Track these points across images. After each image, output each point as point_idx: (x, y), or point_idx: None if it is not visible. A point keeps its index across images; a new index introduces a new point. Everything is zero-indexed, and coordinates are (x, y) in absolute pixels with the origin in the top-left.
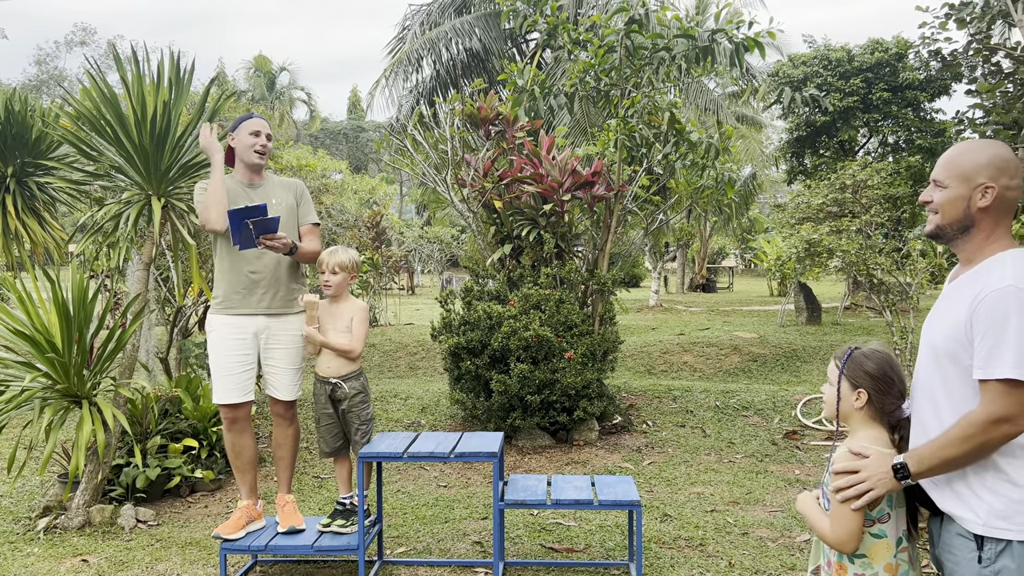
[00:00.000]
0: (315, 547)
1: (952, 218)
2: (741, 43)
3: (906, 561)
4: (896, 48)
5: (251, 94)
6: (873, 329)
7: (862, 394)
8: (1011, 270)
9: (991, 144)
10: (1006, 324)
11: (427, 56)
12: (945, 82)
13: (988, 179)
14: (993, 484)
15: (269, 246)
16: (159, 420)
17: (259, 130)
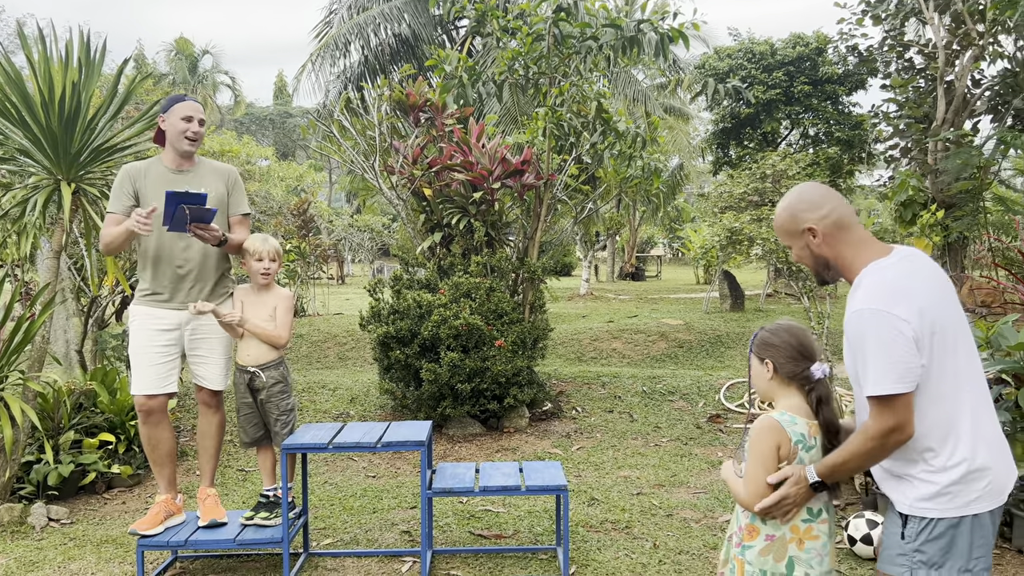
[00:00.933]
0: (238, 541)
1: (811, 265)
2: (666, 34)
3: (825, 533)
4: (816, 43)
5: (172, 77)
6: (793, 315)
7: (768, 364)
8: (862, 293)
9: (790, 194)
10: (864, 346)
11: (355, 41)
12: (862, 77)
13: (804, 223)
14: (921, 475)
15: (199, 235)
16: (73, 414)
17: (191, 115)
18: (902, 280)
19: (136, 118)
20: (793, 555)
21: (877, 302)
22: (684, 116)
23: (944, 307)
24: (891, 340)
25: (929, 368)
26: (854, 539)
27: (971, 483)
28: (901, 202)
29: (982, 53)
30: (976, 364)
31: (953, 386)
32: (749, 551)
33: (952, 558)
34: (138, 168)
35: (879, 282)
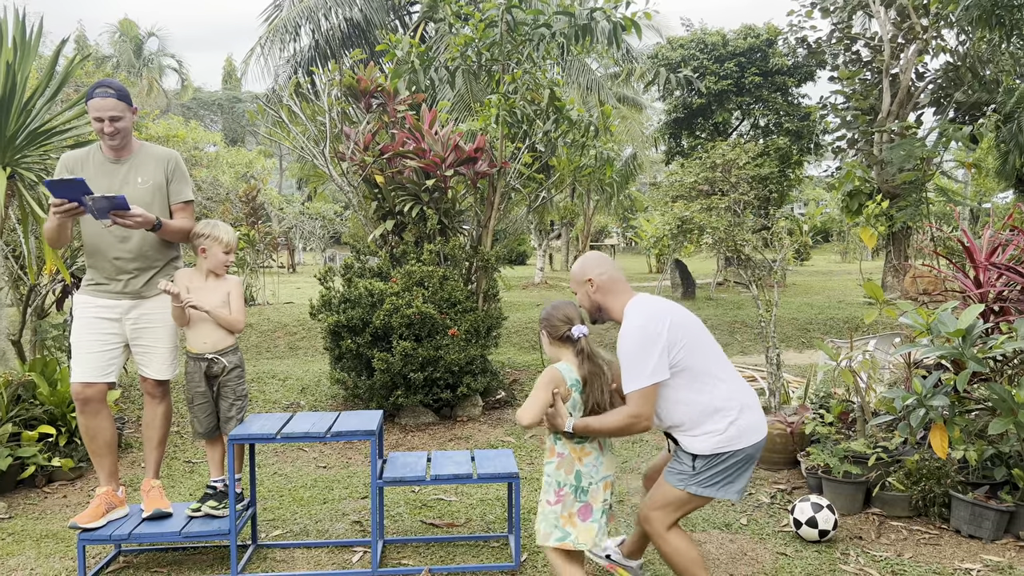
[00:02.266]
0: (183, 533)
1: (589, 308)
2: (619, 23)
3: (595, 449)
4: (767, 35)
5: (116, 60)
6: (743, 304)
7: (544, 333)
8: (626, 322)
9: (582, 258)
10: (628, 357)
11: (305, 25)
12: (811, 68)
13: (591, 273)
14: (701, 434)
15: (120, 223)
16: (11, 406)
17: (100, 115)
18: (653, 305)
19: (74, 101)
20: (579, 469)
21: (638, 320)
22: (637, 106)
23: (684, 316)
24: (640, 347)
25: (690, 366)
26: (799, 522)
27: (738, 432)
28: (848, 192)
29: (926, 47)
30: (722, 354)
31: (716, 367)
32: (549, 466)
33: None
34: (76, 156)
35: (638, 310)
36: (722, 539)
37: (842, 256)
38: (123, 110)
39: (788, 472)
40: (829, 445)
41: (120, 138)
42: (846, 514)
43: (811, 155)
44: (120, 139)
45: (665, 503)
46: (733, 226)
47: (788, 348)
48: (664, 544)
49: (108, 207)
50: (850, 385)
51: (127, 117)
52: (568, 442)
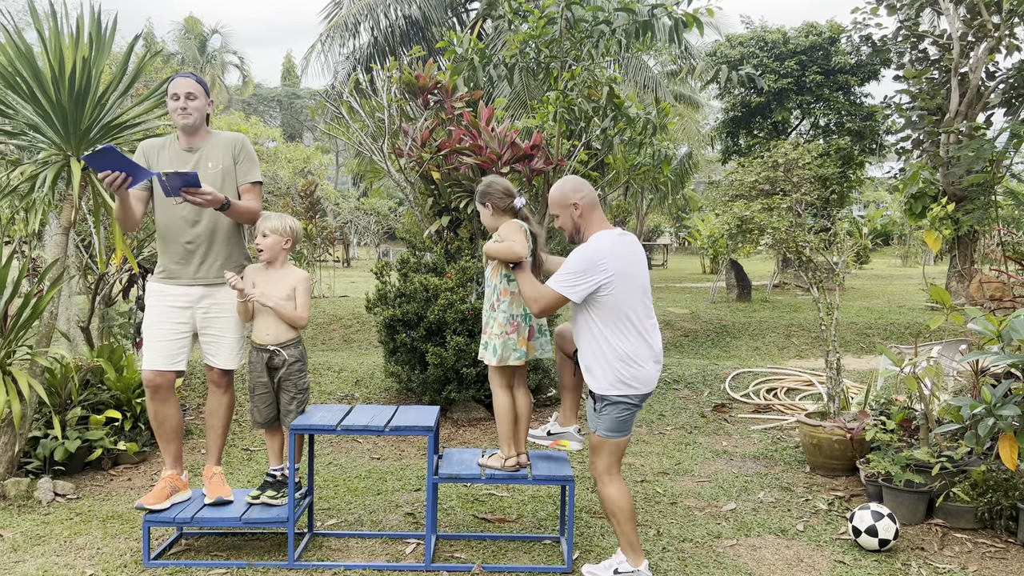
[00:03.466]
0: (243, 519)
1: (570, 230)
2: (680, 19)
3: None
4: (829, 32)
5: (181, 56)
6: (800, 306)
7: (489, 206)
8: (586, 243)
9: (562, 181)
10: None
11: (365, 22)
12: (875, 67)
13: (573, 198)
14: (602, 375)
15: (190, 200)
16: (80, 391)
17: (176, 91)
18: (613, 244)
19: (145, 95)
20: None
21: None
22: (694, 104)
23: (635, 267)
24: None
25: (615, 307)
26: (859, 530)
27: (639, 378)
28: (912, 194)
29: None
30: (651, 312)
31: (636, 319)
32: (503, 304)
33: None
34: (153, 145)
35: (600, 240)
36: (778, 544)
37: (903, 260)
38: (199, 91)
39: (846, 479)
40: (891, 453)
41: (193, 117)
42: (907, 524)
43: (873, 156)
44: (193, 117)
45: (593, 449)
46: (794, 227)
47: (847, 353)
48: (603, 487)
49: (180, 183)
50: (913, 392)
51: (201, 100)
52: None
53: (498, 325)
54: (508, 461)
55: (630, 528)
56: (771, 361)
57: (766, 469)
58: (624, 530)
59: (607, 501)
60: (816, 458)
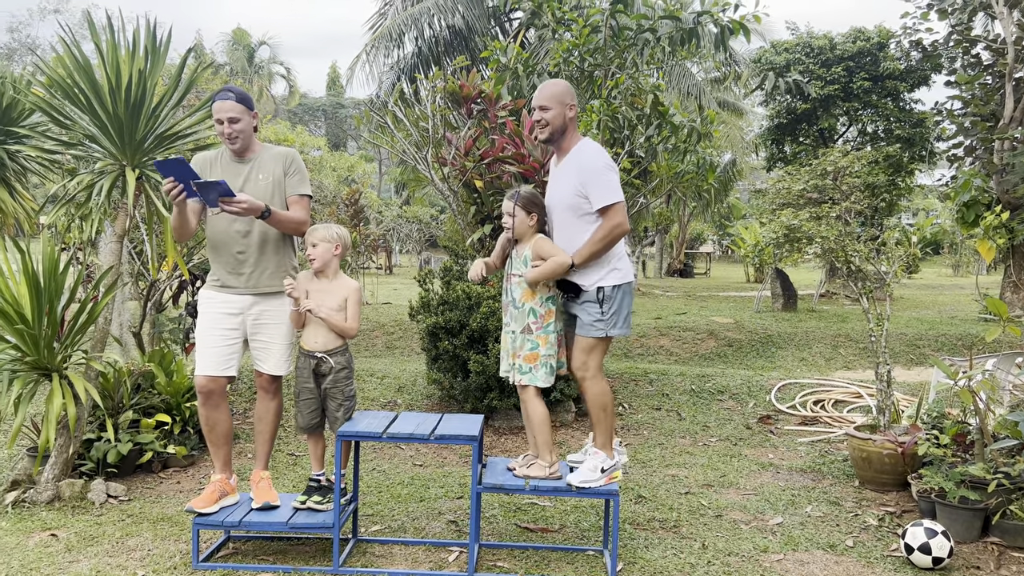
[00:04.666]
0: (290, 524)
1: (557, 127)
2: (726, 26)
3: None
4: (878, 38)
5: (230, 67)
6: (848, 316)
7: (533, 215)
8: (587, 145)
9: (559, 80)
10: (599, 172)
11: (409, 32)
12: (925, 73)
13: (570, 100)
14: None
15: (227, 209)
16: (132, 395)
17: (220, 117)
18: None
19: (197, 107)
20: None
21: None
22: (738, 111)
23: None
24: (614, 172)
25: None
26: (911, 547)
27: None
28: (964, 202)
29: None
30: None
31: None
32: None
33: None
34: (206, 157)
35: (594, 144)
36: (827, 560)
37: (954, 269)
38: (241, 112)
39: (897, 494)
40: (944, 468)
41: (239, 140)
42: (962, 542)
43: (924, 163)
44: (240, 142)
45: (590, 350)
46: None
47: (896, 364)
48: (596, 384)
49: (215, 193)
50: (967, 406)
51: (245, 119)
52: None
53: (548, 346)
54: (552, 468)
55: (611, 423)
56: (818, 372)
57: (813, 483)
58: (607, 425)
59: (600, 396)
60: (865, 472)
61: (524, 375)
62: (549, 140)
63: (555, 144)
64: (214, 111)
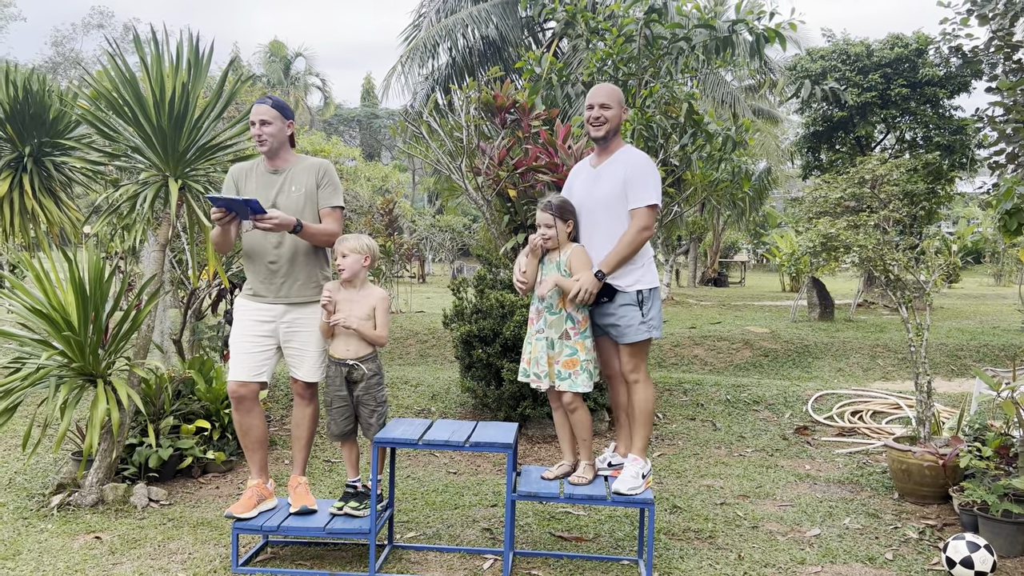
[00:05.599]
0: (327, 529)
1: (614, 126)
2: (762, 34)
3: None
4: (916, 44)
5: (267, 79)
6: (886, 326)
7: (570, 223)
8: (634, 153)
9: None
10: (646, 175)
11: (443, 43)
12: (965, 79)
13: (624, 104)
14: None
15: (260, 226)
16: (172, 401)
17: (253, 119)
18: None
19: (238, 118)
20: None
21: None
22: (773, 119)
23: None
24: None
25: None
26: (953, 561)
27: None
28: (1006, 210)
29: None
30: None
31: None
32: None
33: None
34: (242, 168)
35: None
36: (865, 573)
37: (996, 279)
38: (274, 117)
39: (938, 507)
40: (987, 481)
41: (268, 143)
42: (1005, 556)
43: (964, 171)
44: (269, 145)
45: (637, 356)
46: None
47: (936, 375)
48: (647, 389)
49: (247, 210)
50: (1011, 418)
51: (277, 124)
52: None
53: (586, 351)
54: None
55: (650, 430)
56: (855, 383)
57: (852, 494)
58: (647, 432)
59: (647, 402)
60: (905, 484)
61: (563, 381)
62: (603, 138)
63: (604, 143)
64: (250, 115)
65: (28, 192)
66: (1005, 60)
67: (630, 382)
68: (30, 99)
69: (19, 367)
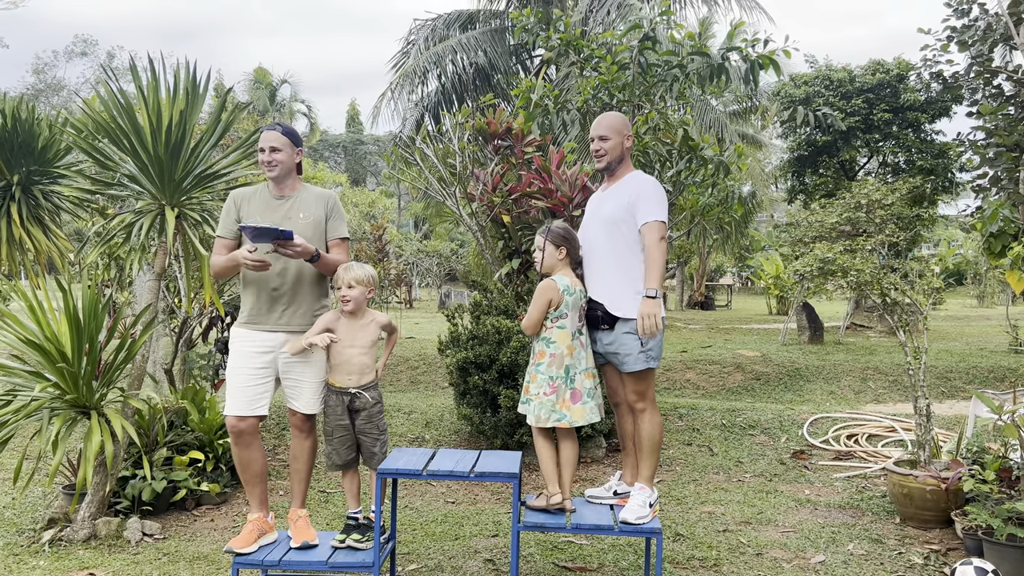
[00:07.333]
0: (330, 563)
1: (615, 156)
2: (756, 61)
3: (580, 346)
4: (897, 70)
5: (252, 106)
6: (875, 349)
7: (563, 249)
8: (643, 176)
9: (617, 112)
10: (651, 196)
11: (432, 70)
12: (946, 104)
13: (627, 131)
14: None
15: (282, 252)
16: (165, 432)
17: (263, 145)
18: None
19: (234, 147)
20: (567, 363)
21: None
22: (757, 143)
23: None
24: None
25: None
26: None
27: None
28: (991, 233)
29: None
30: None
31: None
32: (540, 366)
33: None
34: (244, 193)
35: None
36: None
37: (979, 300)
38: (284, 144)
39: (940, 531)
40: (990, 505)
41: (277, 169)
42: None
43: (947, 194)
44: (277, 170)
45: (641, 384)
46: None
47: (935, 399)
48: (653, 417)
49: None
50: (1008, 440)
51: (287, 152)
52: (561, 342)
53: (535, 385)
54: (552, 499)
55: (657, 458)
56: (847, 406)
57: (853, 519)
58: (656, 460)
59: (653, 431)
60: (907, 509)
61: (523, 405)
62: (606, 168)
63: (610, 172)
64: (260, 141)
65: (16, 221)
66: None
67: (635, 411)
68: (19, 127)
69: (11, 399)
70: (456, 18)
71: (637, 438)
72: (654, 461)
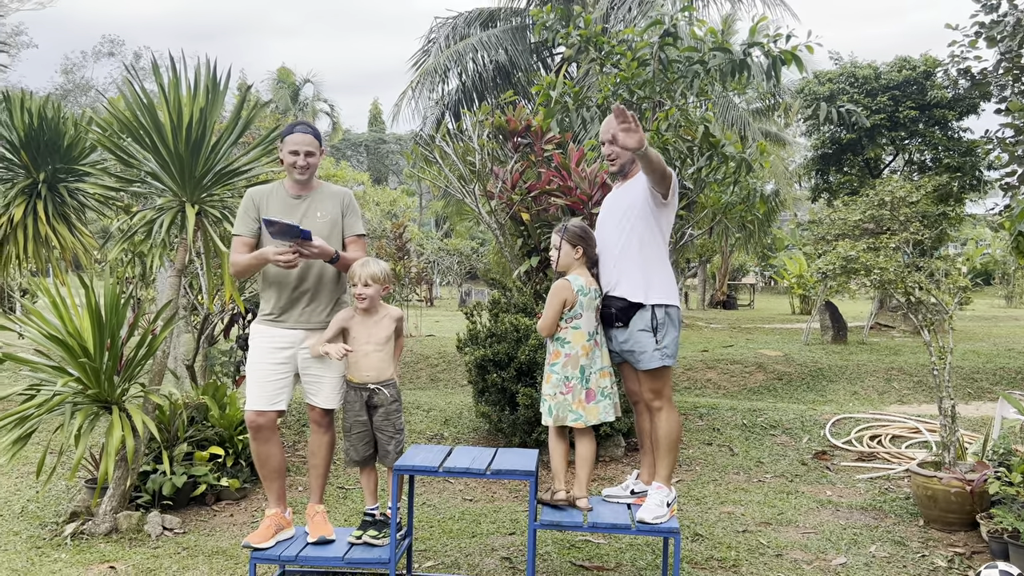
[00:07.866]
0: (346, 559)
1: (627, 159)
2: (778, 57)
3: (595, 345)
4: (924, 66)
5: (275, 105)
6: (900, 349)
7: (579, 248)
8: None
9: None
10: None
11: (453, 68)
12: (974, 101)
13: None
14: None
15: (301, 253)
16: (186, 427)
17: (297, 148)
18: None
19: (254, 144)
20: (582, 363)
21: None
22: (780, 141)
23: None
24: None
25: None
26: None
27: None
28: (1020, 232)
29: None
30: None
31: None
32: (555, 366)
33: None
34: (262, 191)
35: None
36: None
37: (1008, 300)
38: (316, 147)
39: (965, 534)
40: (1016, 507)
41: (309, 173)
42: None
43: (975, 192)
44: (308, 173)
45: (657, 382)
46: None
47: (962, 400)
48: (670, 416)
49: (290, 236)
50: None
51: (317, 155)
52: (576, 342)
53: (550, 385)
54: (556, 495)
55: (675, 457)
56: (871, 406)
57: (876, 521)
58: (674, 459)
59: (670, 429)
60: (931, 511)
61: (542, 405)
62: (620, 171)
63: (623, 173)
64: (292, 142)
65: (42, 218)
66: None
67: (652, 409)
68: (45, 126)
69: (34, 394)
70: (477, 16)
71: (654, 437)
72: (672, 460)
